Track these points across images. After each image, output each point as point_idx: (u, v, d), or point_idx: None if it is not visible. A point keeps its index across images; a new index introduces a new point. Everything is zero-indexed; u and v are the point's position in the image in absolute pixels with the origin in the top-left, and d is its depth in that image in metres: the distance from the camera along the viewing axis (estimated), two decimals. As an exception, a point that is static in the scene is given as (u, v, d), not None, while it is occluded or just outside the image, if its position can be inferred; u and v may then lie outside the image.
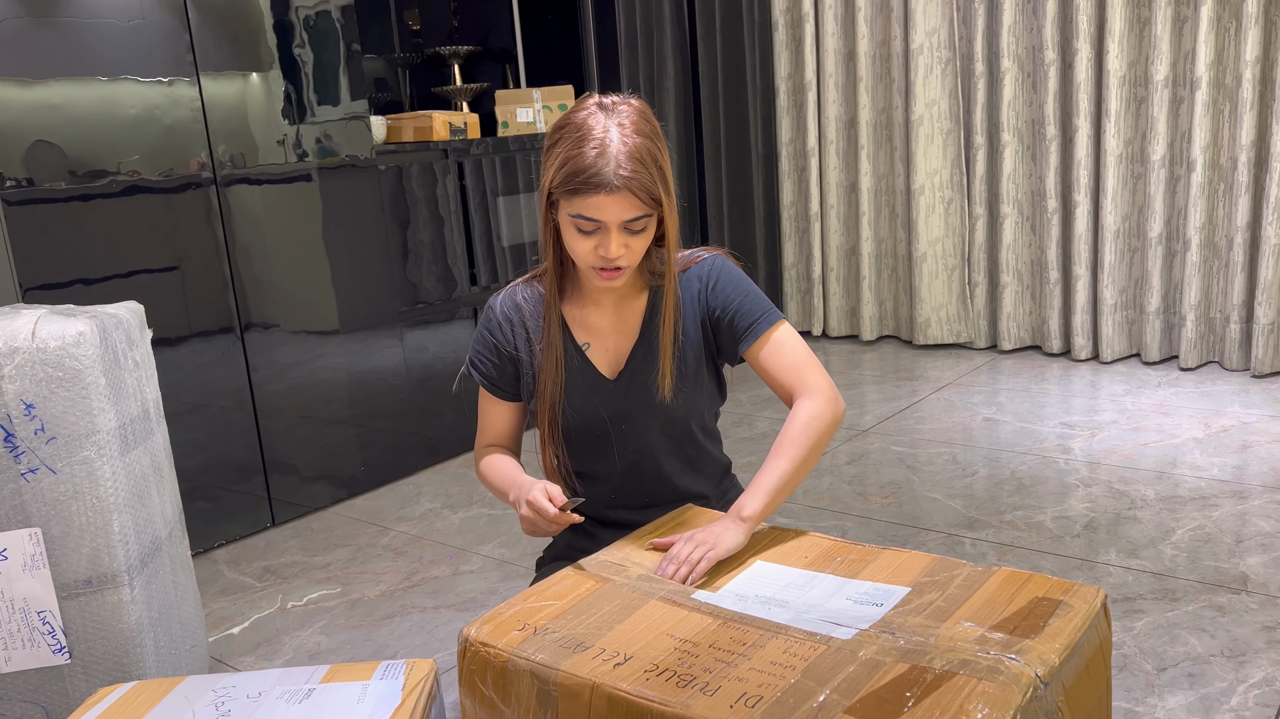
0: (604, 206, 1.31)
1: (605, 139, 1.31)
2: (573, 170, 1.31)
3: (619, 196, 1.30)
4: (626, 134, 1.31)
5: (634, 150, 1.31)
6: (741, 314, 1.47)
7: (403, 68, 3.72)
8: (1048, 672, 0.99)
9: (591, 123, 1.33)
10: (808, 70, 4.10)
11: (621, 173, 1.29)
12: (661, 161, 1.35)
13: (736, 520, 1.33)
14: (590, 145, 1.30)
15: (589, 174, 1.30)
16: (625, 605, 1.20)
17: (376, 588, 2.30)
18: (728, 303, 1.48)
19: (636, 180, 1.30)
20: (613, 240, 1.34)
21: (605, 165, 1.29)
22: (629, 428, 1.50)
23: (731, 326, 1.47)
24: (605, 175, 1.29)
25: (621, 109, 1.35)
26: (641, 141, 1.32)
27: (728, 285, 1.49)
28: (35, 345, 1.47)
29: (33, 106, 2.20)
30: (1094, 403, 3.21)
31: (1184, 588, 2.00)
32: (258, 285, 2.64)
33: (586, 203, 1.31)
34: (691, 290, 1.50)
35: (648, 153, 1.32)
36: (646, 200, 1.33)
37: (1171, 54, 3.34)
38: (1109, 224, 3.53)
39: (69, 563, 1.53)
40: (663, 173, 1.35)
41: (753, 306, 1.47)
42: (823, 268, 4.28)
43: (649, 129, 1.35)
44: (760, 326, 1.46)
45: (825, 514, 2.51)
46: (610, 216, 1.32)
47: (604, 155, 1.30)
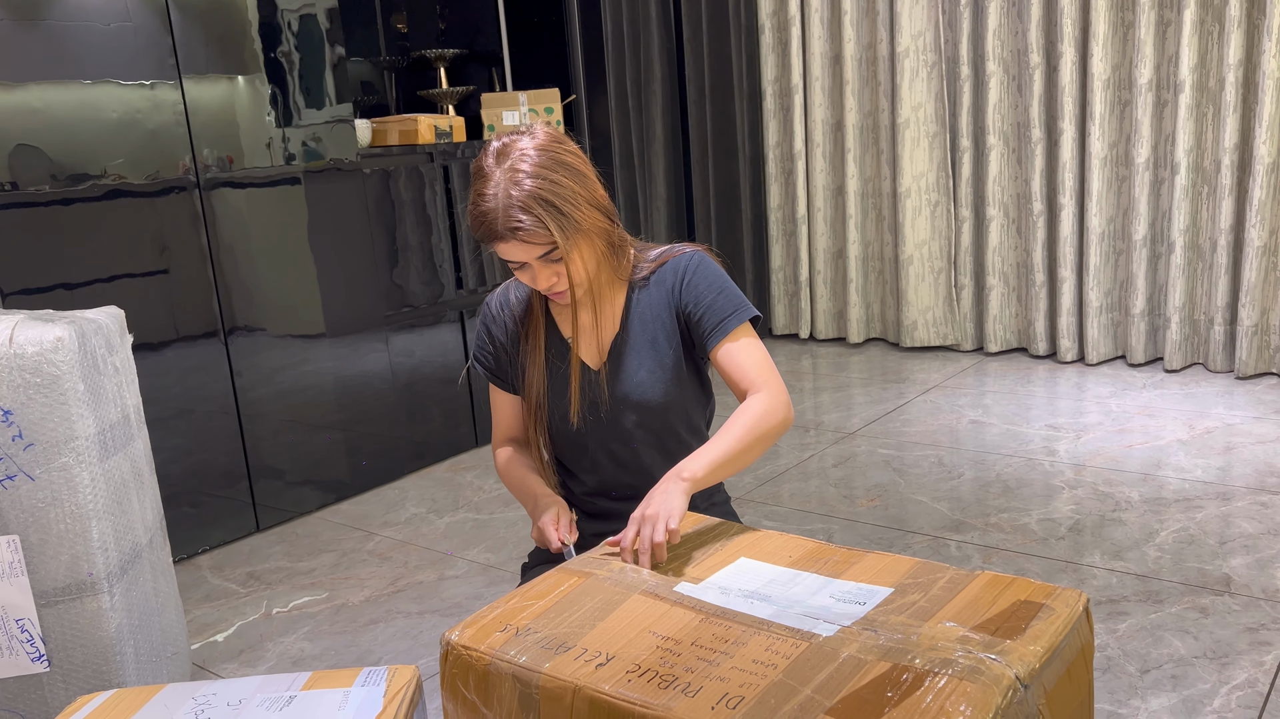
0: (507, 252, 1.39)
1: (496, 191, 1.36)
2: (475, 222, 1.39)
3: (514, 244, 1.37)
4: (516, 181, 1.36)
5: (522, 200, 1.35)
6: (712, 311, 1.49)
7: (388, 70, 3.72)
8: (1029, 673, 0.99)
9: (487, 172, 1.39)
10: (794, 73, 4.11)
11: (510, 225, 1.35)
12: (555, 196, 1.37)
13: (676, 480, 1.33)
14: (484, 199, 1.37)
15: (485, 227, 1.37)
16: (607, 601, 1.20)
17: (361, 593, 2.29)
18: (699, 299, 1.49)
19: (523, 229, 1.35)
20: (539, 274, 1.42)
21: (495, 219, 1.36)
22: (609, 418, 1.52)
23: (700, 323, 1.49)
24: (496, 228, 1.36)
25: (517, 149, 1.39)
26: (532, 186, 1.36)
27: (701, 282, 1.50)
28: (13, 351, 1.45)
29: (13, 110, 2.19)
30: (1079, 405, 3.22)
31: (1168, 589, 2.00)
32: (242, 290, 2.63)
33: (494, 248, 1.40)
34: (666, 284, 1.52)
35: (536, 198, 1.36)
36: (543, 241, 1.37)
37: (1155, 57, 3.35)
38: (1094, 226, 3.54)
39: (47, 570, 1.51)
40: (559, 210, 1.37)
41: (724, 304, 1.49)
42: (810, 271, 4.29)
43: (544, 163, 1.38)
44: (729, 325, 1.48)
45: (811, 517, 2.51)
46: (518, 257, 1.39)
47: (495, 207, 1.36)
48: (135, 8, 2.35)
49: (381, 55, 3.68)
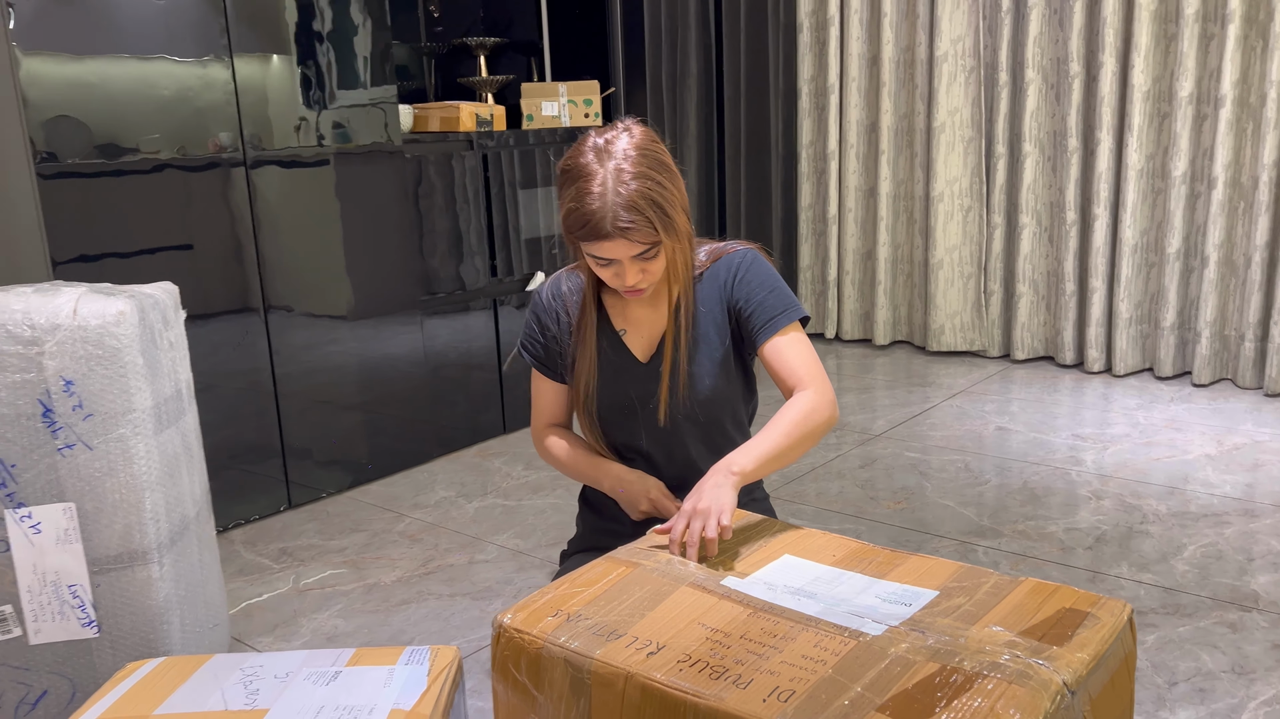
0: (609, 250, 1.40)
1: (603, 189, 1.37)
2: (576, 221, 1.39)
3: (619, 242, 1.39)
4: (624, 179, 1.38)
5: (629, 199, 1.37)
6: (763, 308, 1.51)
7: (428, 57, 3.74)
8: (1075, 680, 1.01)
9: (591, 170, 1.39)
10: (831, 73, 4.11)
11: (619, 224, 1.37)
12: (661, 196, 1.40)
13: (726, 474, 1.35)
14: (589, 198, 1.38)
15: (590, 226, 1.38)
16: (656, 591, 1.22)
17: (392, 573, 2.32)
18: (751, 296, 1.52)
19: (633, 228, 1.38)
20: (628, 272, 1.43)
21: (603, 218, 1.37)
22: (656, 408, 1.55)
23: (751, 319, 1.51)
24: (604, 227, 1.37)
25: (618, 148, 1.40)
26: (637, 186, 1.38)
27: (753, 279, 1.53)
28: (76, 323, 1.49)
29: (69, 83, 2.22)
30: (1106, 416, 3.23)
31: (1195, 604, 2.01)
32: (282, 268, 2.66)
33: (594, 247, 1.41)
34: (719, 279, 1.55)
35: (643, 196, 1.38)
36: (647, 240, 1.40)
37: (1197, 71, 3.34)
38: (1127, 238, 3.54)
39: (101, 538, 1.55)
40: (661, 209, 1.40)
41: (775, 302, 1.51)
42: (838, 271, 4.30)
43: (646, 164, 1.40)
44: (779, 322, 1.50)
45: (838, 517, 2.53)
46: (618, 255, 1.41)
47: (603, 206, 1.37)
48: (190, -13, 2.39)
49: (421, 41, 3.70)
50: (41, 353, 1.47)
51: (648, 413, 1.56)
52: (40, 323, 1.47)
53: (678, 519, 1.32)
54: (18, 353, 1.47)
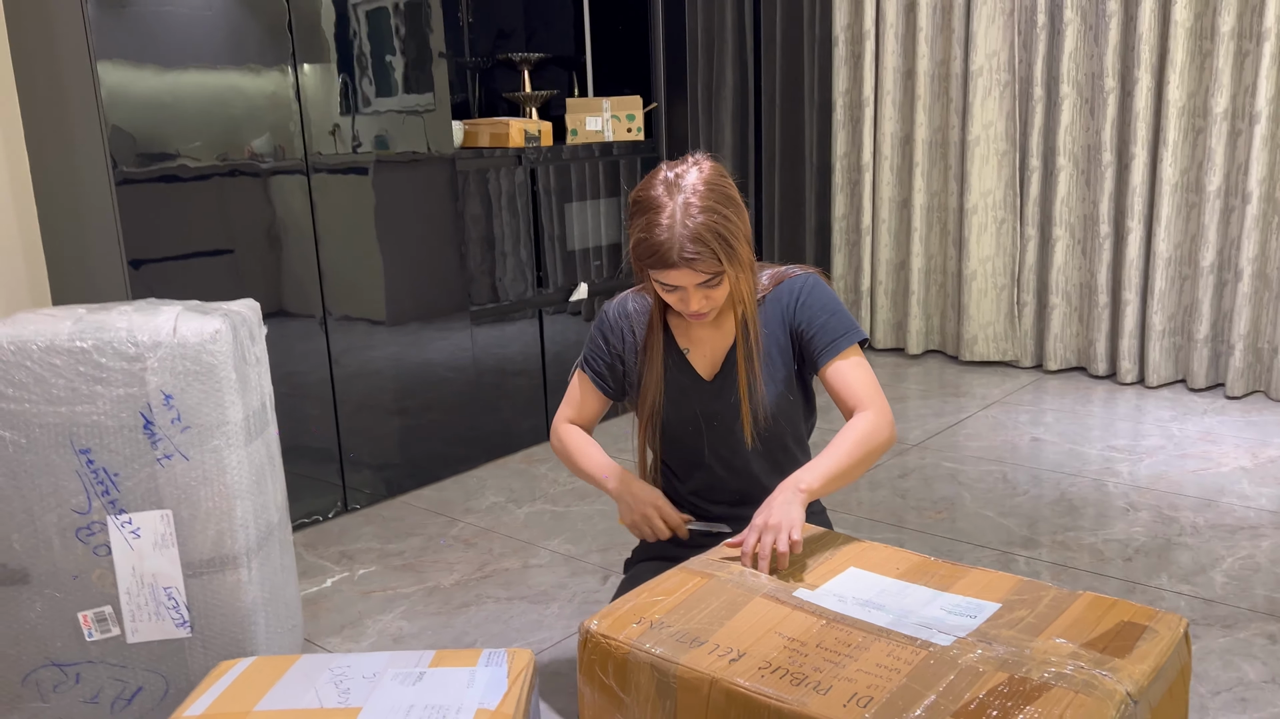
0: (675, 278, 1.49)
1: (672, 222, 1.46)
2: (646, 250, 1.48)
3: (685, 272, 1.47)
4: (691, 213, 1.46)
5: (696, 231, 1.45)
6: (825, 331, 1.58)
7: (472, 71, 3.83)
8: (1138, 690, 1.08)
9: (661, 202, 1.48)
10: (866, 86, 4.18)
11: (685, 255, 1.45)
12: (726, 229, 1.48)
13: (795, 491, 1.43)
14: (658, 230, 1.46)
15: (658, 255, 1.46)
16: (731, 602, 1.30)
17: (451, 577, 2.40)
18: (813, 319, 1.59)
19: (699, 260, 1.46)
20: (692, 298, 1.52)
21: (670, 249, 1.45)
22: (721, 425, 1.62)
23: (813, 341, 1.58)
24: (671, 257, 1.46)
25: (687, 183, 1.49)
26: (704, 220, 1.46)
27: (815, 302, 1.60)
28: (176, 340, 1.58)
29: (146, 94, 2.32)
30: (1140, 427, 3.28)
31: (1235, 615, 2.07)
32: (342, 274, 2.75)
33: (661, 274, 1.49)
34: (782, 302, 1.62)
35: (710, 229, 1.46)
36: (711, 270, 1.48)
37: (1232, 87, 3.39)
38: (1161, 251, 3.58)
39: (195, 544, 1.64)
40: (725, 241, 1.48)
41: (836, 325, 1.58)
42: (871, 281, 4.36)
43: (714, 200, 1.48)
44: (840, 345, 1.58)
45: (881, 527, 2.59)
46: (683, 283, 1.49)
47: (671, 238, 1.45)
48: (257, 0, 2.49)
49: (466, 56, 3.79)
50: (144, 368, 1.57)
51: (712, 430, 1.64)
52: (143, 340, 1.57)
53: (749, 533, 1.40)
54: (123, 368, 1.56)
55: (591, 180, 3.46)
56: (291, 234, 2.63)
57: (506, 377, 3.28)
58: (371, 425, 2.88)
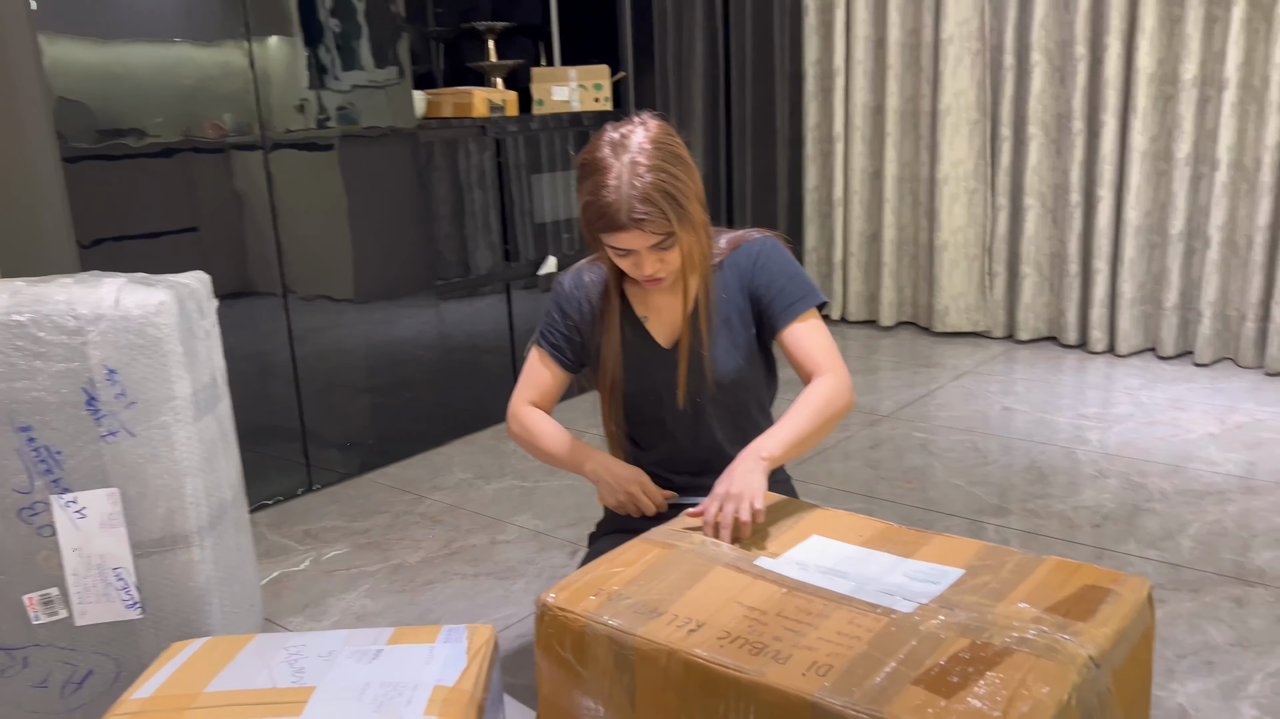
0: (625, 241, 1.44)
1: (619, 183, 1.41)
2: (594, 213, 1.44)
3: (635, 234, 1.43)
4: (639, 173, 1.42)
5: (644, 191, 1.41)
6: (783, 294, 1.56)
7: (436, 40, 3.75)
8: (1100, 654, 1.06)
9: (607, 164, 1.44)
10: (837, 56, 4.13)
11: (635, 215, 1.41)
12: (675, 188, 1.44)
13: (756, 460, 1.40)
14: (606, 190, 1.42)
15: (607, 218, 1.42)
16: (692, 572, 1.27)
17: (416, 554, 2.37)
18: (771, 282, 1.56)
19: (648, 221, 1.42)
20: (645, 261, 1.47)
21: (619, 210, 1.41)
22: (683, 394, 1.59)
23: (771, 305, 1.56)
24: (620, 219, 1.41)
25: (633, 142, 1.44)
26: (651, 179, 1.42)
27: (774, 265, 1.57)
28: (119, 313, 1.52)
29: (91, 67, 2.25)
30: (1109, 395, 3.28)
31: (1201, 579, 2.07)
32: (300, 252, 2.69)
33: (611, 238, 1.45)
34: (740, 266, 1.59)
35: (657, 188, 1.42)
36: (661, 232, 1.44)
37: (1201, 53, 3.37)
38: (1131, 219, 3.58)
39: (144, 522, 1.59)
40: (675, 200, 1.44)
41: (794, 288, 1.56)
42: (844, 253, 4.33)
43: (661, 157, 1.44)
44: (798, 308, 1.55)
45: (851, 497, 2.58)
46: (634, 246, 1.45)
47: (618, 199, 1.41)
48: (209, -24, 2.41)
49: (429, 26, 3.71)
50: (85, 342, 1.51)
51: (672, 398, 1.61)
52: (84, 313, 1.51)
53: (710, 502, 1.37)
54: (63, 342, 1.50)
55: (560, 151, 3.40)
56: (249, 211, 2.57)
57: (475, 352, 3.24)
58: (337, 404, 2.83)
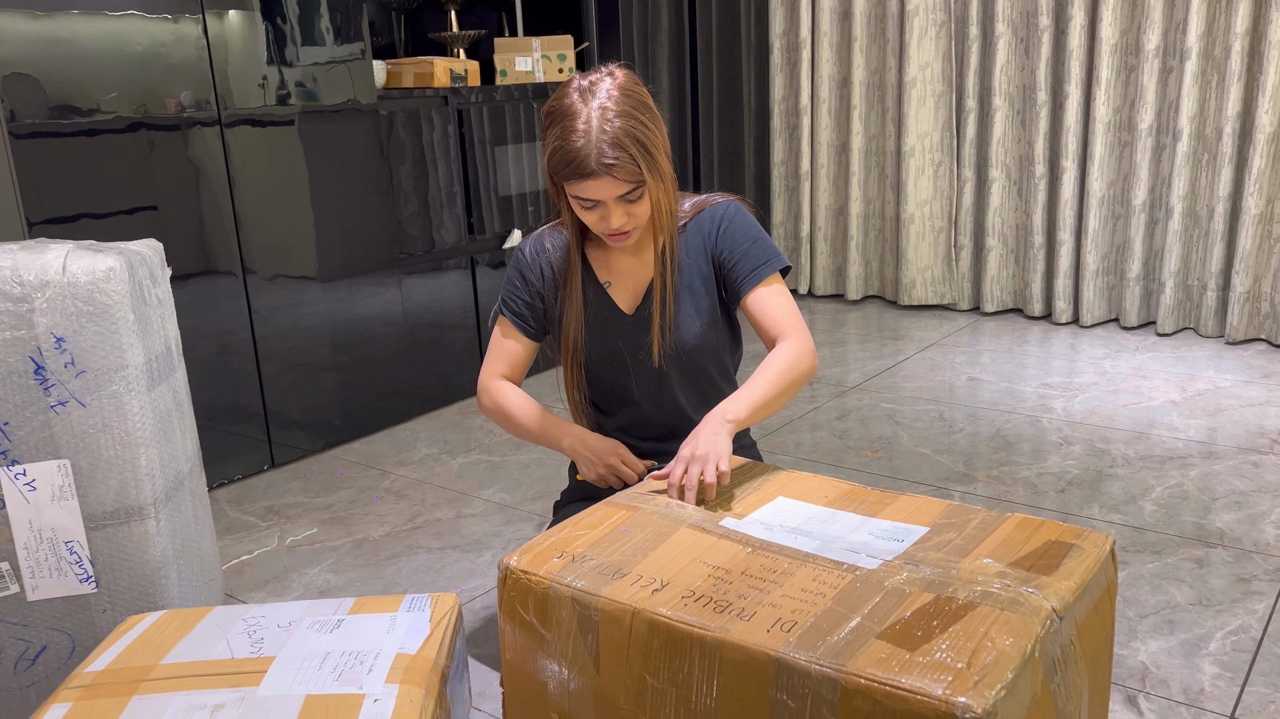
0: (594, 189, 1.41)
1: (588, 128, 1.39)
2: (561, 160, 1.41)
3: (605, 180, 1.40)
4: (608, 118, 1.40)
5: (614, 136, 1.39)
6: (746, 258, 1.54)
7: (397, 11, 3.69)
8: (1063, 606, 1.06)
9: (575, 109, 1.41)
10: (803, 28, 4.11)
11: (604, 160, 1.39)
12: (645, 136, 1.42)
13: (721, 422, 1.39)
14: (574, 136, 1.39)
15: (575, 164, 1.39)
16: (657, 533, 1.26)
17: (381, 529, 2.34)
18: (734, 247, 1.55)
19: (619, 165, 1.39)
20: (613, 213, 1.45)
21: (589, 154, 1.39)
22: (646, 359, 1.57)
23: (734, 269, 1.54)
24: (589, 164, 1.39)
25: (602, 89, 1.42)
26: (621, 124, 1.40)
27: (737, 230, 1.56)
28: (66, 279, 1.48)
29: (40, 40, 2.18)
30: (1074, 365, 3.30)
31: (1163, 541, 2.09)
32: (259, 229, 2.64)
33: (579, 187, 1.42)
34: (704, 230, 1.57)
35: (627, 134, 1.40)
36: (631, 179, 1.41)
37: (1163, 24, 3.39)
38: (1094, 191, 3.60)
39: (96, 495, 1.55)
40: (645, 148, 1.42)
41: (758, 253, 1.54)
42: (811, 227, 4.33)
43: (630, 105, 1.42)
44: (763, 273, 1.54)
45: (818, 467, 2.58)
46: (603, 195, 1.42)
47: (587, 144, 1.39)
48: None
49: (391, -4, 3.64)
50: (32, 310, 1.47)
51: (637, 363, 1.59)
52: (29, 279, 1.47)
53: (675, 464, 1.36)
54: (7, 310, 1.46)
55: (526, 123, 3.36)
56: (206, 188, 2.51)
57: (440, 328, 3.20)
58: (299, 382, 2.79)
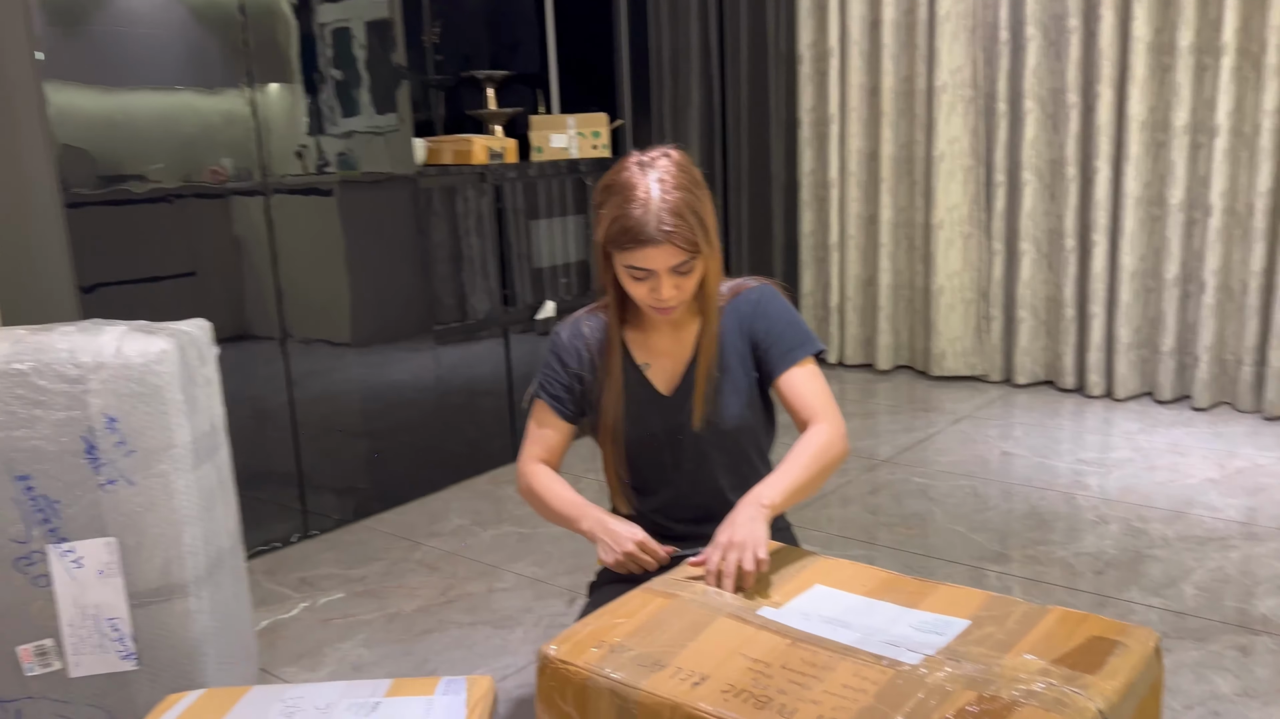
0: (651, 258, 1.45)
1: (647, 197, 1.44)
2: (621, 229, 1.45)
3: (663, 249, 1.44)
4: (667, 189, 1.45)
5: (674, 205, 1.44)
6: (782, 340, 1.57)
7: (437, 90, 3.80)
8: (1110, 707, 1.05)
9: (634, 181, 1.46)
10: (831, 103, 4.18)
11: (664, 228, 1.43)
12: (700, 210, 1.48)
13: (757, 508, 1.39)
14: (634, 205, 1.44)
15: (635, 232, 1.44)
16: (695, 622, 1.26)
17: (413, 603, 2.34)
18: (770, 328, 1.57)
19: (678, 234, 1.44)
20: (663, 284, 1.48)
21: (648, 222, 1.43)
22: (684, 441, 1.59)
23: (769, 351, 1.56)
24: (649, 231, 1.43)
25: (660, 164, 1.49)
26: (680, 195, 1.45)
27: (773, 312, 1.59)
28: (120, 361, 1.52)
29: (94, 115, 2.27)
30: (1108, 440, 3.28)
31: (1206, 628, 2.05)
32: (300, 295, 2.70)
33: (635, 255, 1.45)
34: (740, 312, 1.60)
35: (686, 205, 1.45)
36: (688, 248, 1.45)
37: (1192, 101, 3.42)
38: (1126, 264, 3.60)
39: (140, 572, 1.58)
40: (702, 221, 1.48)
41: (793, 335, 1.57)
42: (840, 297, 4.35)
43: (687, 180, 1.49)
44: (797, 355, 1.56)
45: (851, 543, 2.56)
46: (658, 265, 1.46)
47: (646, 212, 1.43)
48: (211, 19, 2.44)
49: (429, 74, 3.76)
50: (86, 391, 1.51)
51: (675, 444, 1.60)
52: (85, 361, 1.51)
53: (713, 550, 1.36)
54: (64, 391, 1.50)
55: (558, 197, 3.43)
56: (249, 256, 2.58)
57: (473, 396, 3.23)
58: (334, 449, 2.82)
